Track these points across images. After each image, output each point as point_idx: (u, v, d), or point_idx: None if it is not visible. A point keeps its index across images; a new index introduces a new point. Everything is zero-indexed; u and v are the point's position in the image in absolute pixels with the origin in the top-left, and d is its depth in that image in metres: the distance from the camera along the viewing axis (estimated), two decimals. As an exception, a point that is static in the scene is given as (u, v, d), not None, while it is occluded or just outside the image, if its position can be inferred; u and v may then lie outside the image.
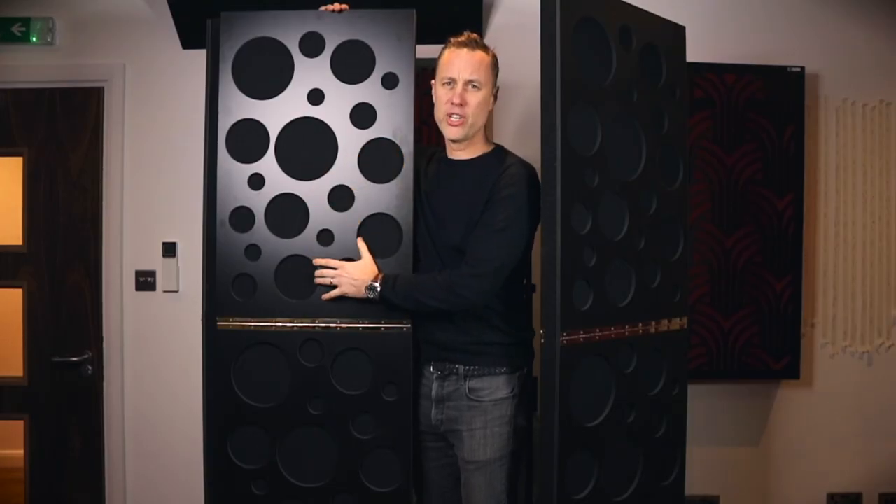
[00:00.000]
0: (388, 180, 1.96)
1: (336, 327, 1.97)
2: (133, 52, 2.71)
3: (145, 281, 2.72)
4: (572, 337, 1.78)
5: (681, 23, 2.10)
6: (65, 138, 2.72)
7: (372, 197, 1.96)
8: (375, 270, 1.94)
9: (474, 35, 1.98)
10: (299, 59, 1.98)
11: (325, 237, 1.97)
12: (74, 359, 2.70)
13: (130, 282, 2.73)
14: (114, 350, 2.72)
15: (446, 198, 2.00)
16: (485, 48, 1.97)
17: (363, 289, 1.92)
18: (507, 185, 1.91)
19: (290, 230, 1.97)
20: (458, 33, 1.98)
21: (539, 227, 1.86)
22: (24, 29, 2.67)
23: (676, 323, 2.05)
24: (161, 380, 2.74)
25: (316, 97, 1.97)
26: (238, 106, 1.99)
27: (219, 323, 2.00)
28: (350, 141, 1.97)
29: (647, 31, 1.96)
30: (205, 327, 2.08)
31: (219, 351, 2.02)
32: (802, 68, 2.63)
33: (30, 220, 2.73)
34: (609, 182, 1.86)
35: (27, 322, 2.74)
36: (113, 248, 2.71)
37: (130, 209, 2.72)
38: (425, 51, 2.58)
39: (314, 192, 1.97)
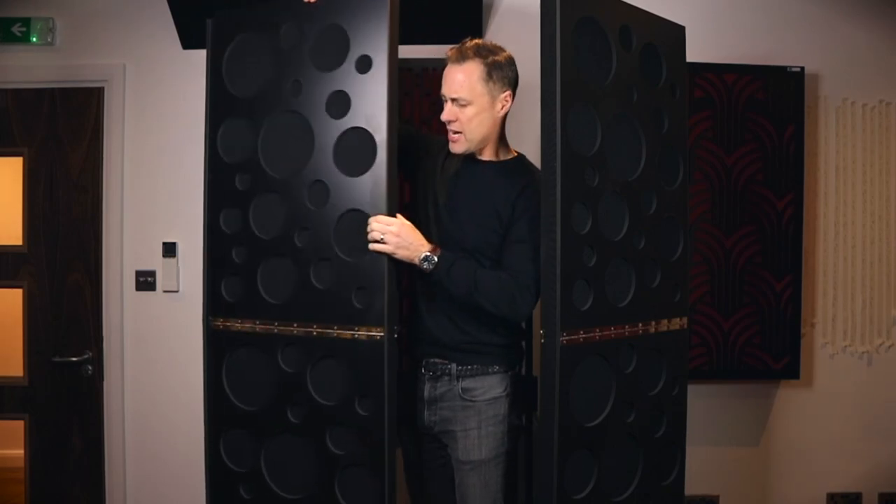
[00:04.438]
0: (362, 173, 1.84)
1: (312, 332, 1.88)
2: (133, 52, 2.71)
3: (145, 281, 2.72)
4: (572, 337, 1.78)
5: (681, 23, 2.10)
6: (65, 138, 2.72)
7: (347, 191, 1.85)
8: (421, 237, 1.88)
9: (470, 43, 1.92)
10: (280, 53, 1.92)
11: (305, 236, 1.89)
12: (74, 359, 2.70)
13: (130, 282, 2.73)
14: (114, 350, 2.72)
15: (466, 197, 1.99)
16: (479, 55, 1.90)
17: (416, 257, 1.86)
18: (539, 201, 1.86)
19: (272, 229, 1.93)
20: (455, 41, 1.94)
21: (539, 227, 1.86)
22: (24, 29, 2.67)
23: (676, 323, 2.05)
24: (161, 380, 2.74)
25: (296, 90, 1.90)
26: (229, 106, 1.98)
27: (212, 323, 2.01)
28: (326, 132, 1.87)
29: (647, 31, 1.96)
30: (205, 327, 2.08)
31: (211, 351, 2.02)
32: (802, 68, 2.63)
33: (30, 220, 2.73)
34: (609, 182, 1.86)
35: (27, 322, 2.74)
36: (113, 248, 2.71)
37: (130, 209, 2.72)
38: (426, 51, 2.59)
39: (294, 190, 1.90)
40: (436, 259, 1.87)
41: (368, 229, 1.82)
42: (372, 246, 1.82)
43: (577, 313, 1.80)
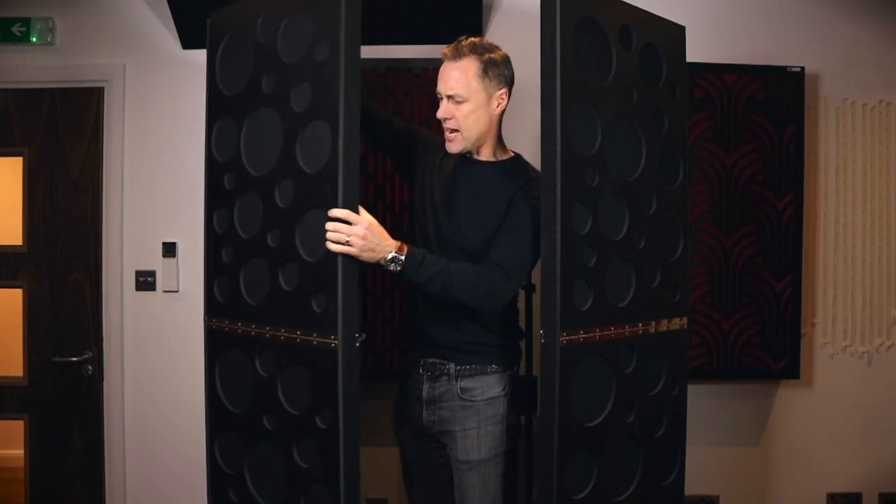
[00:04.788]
0: (321, 167, 1.72)
1: (280, 336, 1.80)
2: (133, 52, 2.71)
3: (145, 281, 2.72)
4: (572, 337, 1.78)
5: (681, 23, 2.10)
6: (65, 138, 2.72)
7: (309, 187, 1.75)
8: (387, 235, 1.78)
9: (467, 41, 1.91)
10: (258, 48, 1.88)
11: (275, 235, 1.82)
12: (74, 359, 2.70)
13: (130, 282, 2.73)
14: (114, 350, 2.72)
15: (464, 196, 1.98)
16: (475, 52, 1.89)
17: (383, 258, 1.77)
18: (535, 196, 1.88)
19: (252, 228, 1.88)
20: (454, 40, 1.93)
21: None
22: (24, 29, 2.67)
23: (676, 323, 2.05)
24: (161, 380, 2.74)
25: (269, 84, 1.84)
26: (221, 105, 1.97)
27: (208, 322, 2.01)
28: (291, 126, 1.78)
29: (647, 31, 1.96)
30: (205, 326, 2.08)
31: (208, 351, 2.02)
32: (802, 68, 2.63)
33: (30, 220, 2.73)
34: (609, 182, 1.86)
35: (27, 322, 2.73)
36: (113, 248, 2.71)
37: (130, 209, 2.72)
38: (426, 51, 2.59)
39: (267, 187, 1.83)
40: (403, 259, 1.79)
41: (329, 227, 1.69)
42: (334, 247, 1.69)
43: (577, 313, 1.80)
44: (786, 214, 2.64)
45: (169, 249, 2.72)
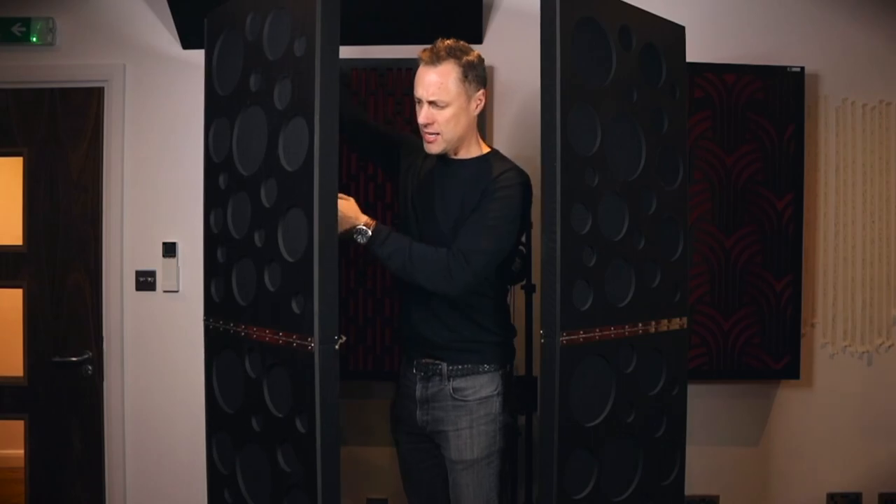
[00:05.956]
0: (299, 165, 1.71)
1: (266, 336, 1.79)
2: (133, 52, 2.71)
3: (145, 281, 2.72)
4: (572, 337, 1.78)
5: (681, 23, 2.10)
6: (65, 138, 2.72)
7: (289, 186, 1.73)
8: (360, 213, 1.90)
9: (443, 44, 1.89)
10: (246, 46, 1.88)
11: (262, 235, 1.81)
12: (74, 359, 2.70)
13: (130, 282, 2.73)
14: (114, 350, 2.72)
15: (439, 194, 1.99)
16: (453, 56, 1.88)
17: (350, 228, 1.88)
18: (503, 186, 1.92)
19: (242, 228, 1.88)
20: (430, 44, 1.91)
21: (539, 227, 1.85)
22: (24, 29, 2.67)
23: (676, 323, 2.05)
24: (161, 380, 2.74)
25: (256, 82, 1.85)
26: (217, 105, 1.97)
27: (206, 322, 2.00)
28: (274, 124, 1.78)
29: (646, 31, 1.96)
30: (205, 326, 2.08)
31: (206, 350, 2.02)
32: (802, 68, 2.63)
33: (30, 220, 2.73)
34: (609, 182, 1.86)
35: (27, 322, 2.73)
36: (113, 248, 2.71)
37: (130, 209, 2.72)
38: (425, 51, 2.58)
39: (254, 187, 1.82)
40: (370, 232, 1.88)
41: None
42: None
43: (577, 313, 1.80)
44: (786, 214, 2.64)
45: (169, 249, 2.72)
